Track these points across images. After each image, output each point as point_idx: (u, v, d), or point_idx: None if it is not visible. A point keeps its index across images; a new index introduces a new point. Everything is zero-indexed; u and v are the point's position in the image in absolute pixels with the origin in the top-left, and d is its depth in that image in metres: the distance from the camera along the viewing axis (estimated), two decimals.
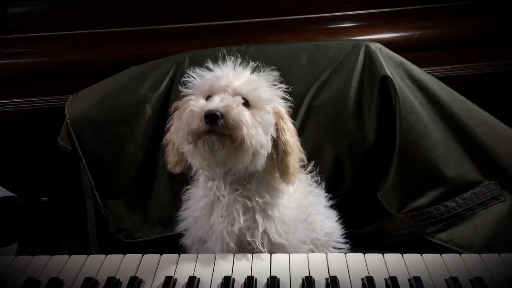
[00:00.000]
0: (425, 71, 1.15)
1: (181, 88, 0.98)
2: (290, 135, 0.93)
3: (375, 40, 1.19)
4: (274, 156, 0.94)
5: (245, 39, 1.25)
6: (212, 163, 0.89)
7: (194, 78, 0.96)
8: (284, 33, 1.27)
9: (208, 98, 0.90)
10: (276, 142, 0.93)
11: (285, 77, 1.15)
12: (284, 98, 0.98)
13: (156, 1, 1.31)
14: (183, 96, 0.97)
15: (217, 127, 0.83)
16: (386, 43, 1.19)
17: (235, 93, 0.89)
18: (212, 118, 0.82)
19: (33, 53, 1.27)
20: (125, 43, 1.27)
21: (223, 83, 0.89)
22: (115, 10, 1.32)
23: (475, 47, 1.25)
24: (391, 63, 1.13)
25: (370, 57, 1.13)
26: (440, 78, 1.16)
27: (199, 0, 1.31)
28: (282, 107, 0.96)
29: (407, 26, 1.26)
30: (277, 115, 0.93)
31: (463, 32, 1.25)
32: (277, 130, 0.93)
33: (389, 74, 1.09)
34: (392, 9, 1.29)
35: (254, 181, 0.94)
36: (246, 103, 0.89)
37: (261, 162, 0.90)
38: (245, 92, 0.89)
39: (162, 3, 1.31)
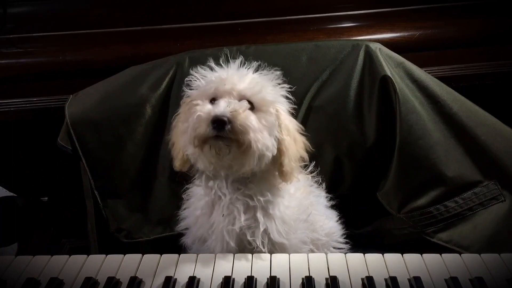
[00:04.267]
0: (425, 71, 1.15)
1: (184, 89, 0.98)
2: (286, 134, 0.93)
3: (375, 40, 1.19)
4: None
5: (245, 39, 1.25)
6: (218, 166, 0.91)
7: (197, 79, 0.95)
8: (284, 33, 1.27)
9: (212, 101, 0.90)
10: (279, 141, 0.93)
11: (285, 77, 1.16)
12: (286, 97, 0.98)
13: (156, 1, 1.31)
14: (186, 96, 0.97)
15: (225, 133, 0.84)
16: (386, 43, 1.19)
17: (240, 96, 0.89)
18: (219, 123, 0.83)
19: (33, 53, 1.27)
20: (125, 43, 1.27)
21: (228, 86, 0.89)
22: (115, 10, 1.32)
23: (475, 47, 1.25)
24: (391, 63, 1.13)
25: (370, 57, 1.13)
26: (440, 78, 1.16)
27: (199, 0, 1.31)
28: (284, 106, 0.96)
29: (407, 26, 1.26)
30: (276, 114, 0.93)
31: (463, 32, 1.25)
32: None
33: (389, 74, 1.09)
34: (392, 9, 1.29)
35: (256, 180, 0.94)
36: (251, 106, 0.89)
37: (265, 163, 0.91)
38: (250, 95, 0.89)
39: (162, 3, 1.31)
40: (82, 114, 1.17)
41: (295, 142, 0.95)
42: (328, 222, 1.09)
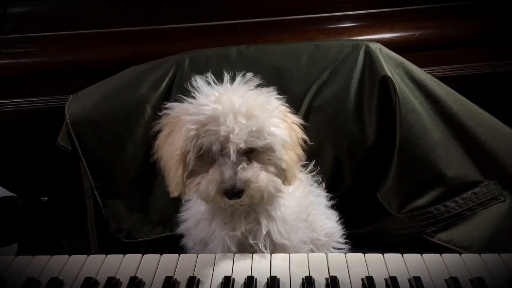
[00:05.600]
0: (425, 71, 1.15)
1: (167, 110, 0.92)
2: (286, 152, 0.89)
3: (375, 40, 1.19)
4: None
5: (245, 39, 1.25)
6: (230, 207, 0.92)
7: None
8: (284, 33, 1.27)
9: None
10: None
11: (285, 77, 1.16)
12: (284, 102, 0.95)
13: (156, 1, 1.31)
14: (171, 110, 0.91)
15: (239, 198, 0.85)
16: (386, 43, 1.19)
17: (242, 147, 0.84)
18: (233, 195, 0.84)
19: (33, 53, 1.27)
20: (125, 43, 1.27)
21: (228, 138, 0.83)
22: (115, 10, 1.32)
23: (475, 47, 1.25)
24: (391, 63, 1.13)
25: (370, 57, 1.13)
26: (440, 78, 1.16)
27: (199, 0, 1.31)
28: (282, 128, 0.89)
29: (407, 26, 1.26)
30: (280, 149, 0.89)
31: (463, 32, 1.25)
32: None
33: (389, 74, 1.09)
34: (392, 9, 1.29)
35: None
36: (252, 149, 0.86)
37: None
38: (252, 144, 0.85)
39: (162, 3, 1.31)
40: (82, 114, 1.17)
41: (295, 147, 0.92)
42: (328, 222, 1.09)
